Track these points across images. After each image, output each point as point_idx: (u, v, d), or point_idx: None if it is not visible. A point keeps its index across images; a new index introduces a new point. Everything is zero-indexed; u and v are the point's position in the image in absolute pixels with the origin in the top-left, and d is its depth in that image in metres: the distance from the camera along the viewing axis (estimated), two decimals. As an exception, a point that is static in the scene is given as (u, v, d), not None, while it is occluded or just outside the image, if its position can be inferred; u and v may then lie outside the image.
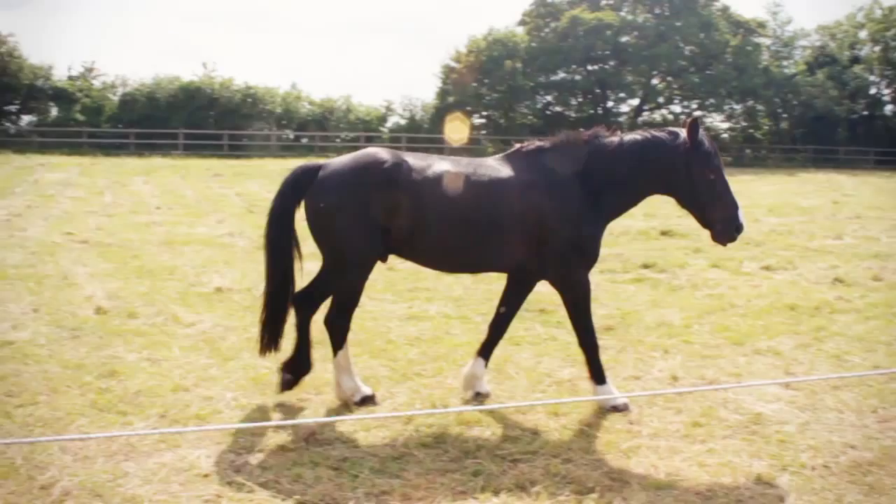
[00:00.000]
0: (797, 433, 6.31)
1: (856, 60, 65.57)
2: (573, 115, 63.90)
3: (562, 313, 9.58)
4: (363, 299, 10.13)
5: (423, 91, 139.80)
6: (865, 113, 65.04)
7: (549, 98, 63.80)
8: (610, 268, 12.83)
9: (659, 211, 19.42)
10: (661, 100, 65.89)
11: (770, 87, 61.63)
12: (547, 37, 61.13)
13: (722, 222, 6.65)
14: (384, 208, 6.42)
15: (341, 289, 6.73)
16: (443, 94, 60.34)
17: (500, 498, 5.10)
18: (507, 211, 6.56)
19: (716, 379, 7.53)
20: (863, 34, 67.53)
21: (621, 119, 64.14)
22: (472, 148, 52.87)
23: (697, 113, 64.84)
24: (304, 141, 56.35)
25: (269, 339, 6.88)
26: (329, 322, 6.76)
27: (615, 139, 6.80)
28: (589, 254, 6.75)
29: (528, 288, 7.17)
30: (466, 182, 6.56)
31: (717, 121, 66.01)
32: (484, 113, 62.73)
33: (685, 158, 6.57)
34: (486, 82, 60.03)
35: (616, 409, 6.63)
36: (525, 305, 9.86)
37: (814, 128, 61.43)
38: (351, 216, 6.44)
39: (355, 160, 6.64)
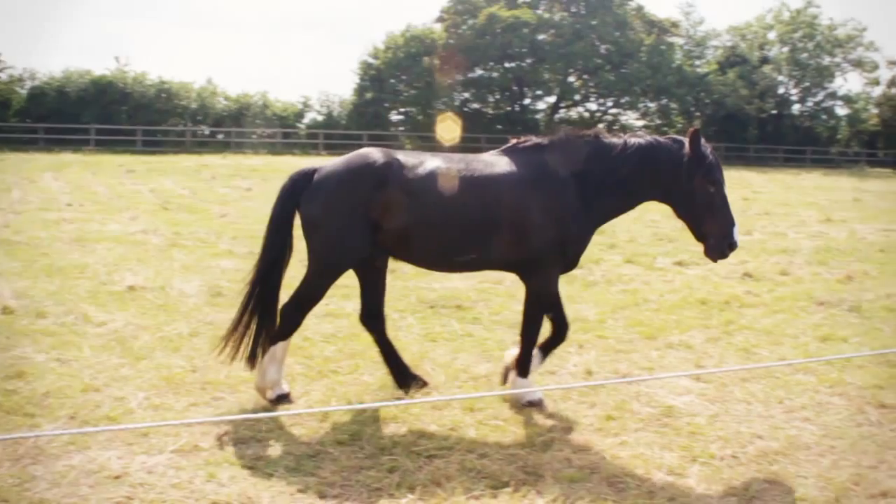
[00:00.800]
0: (707, 425, 6.46)
1: (765, 61, 67.13)
2: (490, 111, 64.42)
3: (478, 310, 9.70)
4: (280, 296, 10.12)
5: (340, 87, 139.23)
6: (774, 112, 66.66)
7: (466, 95, 64.09)
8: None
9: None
10: (577, 97, 66.71)
11: (683, 86, 62.88)
12: (464, 34, 61.37)
13: (716, 237, 6.58)
14: (377, 209, 6.43)
15: (309, 285, 6.73)
16: (360, 90, 60.16)
17: (416, 494, 5.12)
18: (495, 208, 6.52)
19: (629, 373, 7.66)
20: (772, 35, 69.24)
21: (538, 116, 64.81)
22: (391, 144, 52.75)
23: (614, 110, 65.88)
24: (220, 137, 55.63)
25: (249, 345, 6.79)
26: (284, 311, 6.76)
27: (618, 141, 6.72)
28: (569, 255, 6.71)
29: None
30: (457, 179, 6.55)
31: (631, 118, 67.22)
32: (402, 109, 62.77)
33: (688, 168, 6.48)
34: (404, 79, 60.04)
35: (531, 404, 6.68)
36: (441, 302, 9.98)
37: (725, 126, 62.77)
38: (342, 219, 6.48)
39: (347, 162, 6.67)
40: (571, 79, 65.32)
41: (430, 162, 6.64)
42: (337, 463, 5.54)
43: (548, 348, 7.04)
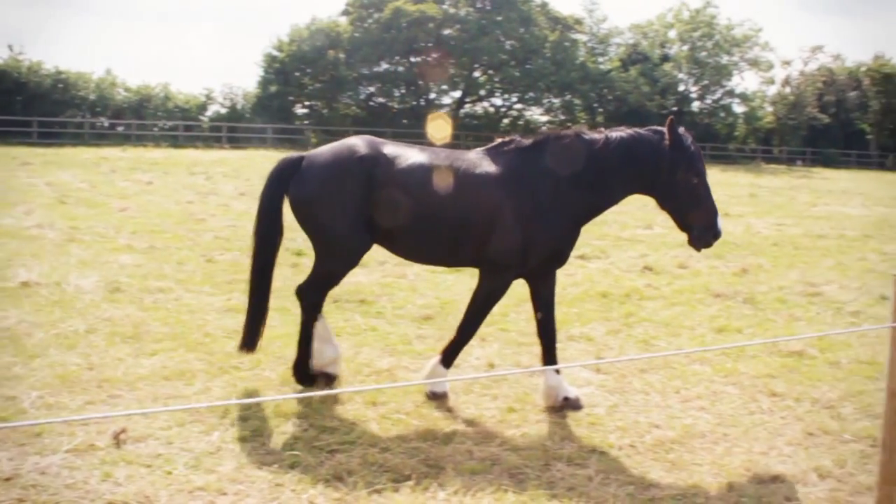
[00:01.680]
0: (606, 415, 6.58)
1: (666, 58, 68.53)
2: (396, 106, 64.34)
3: (382, 304, 9.69)
4: (180, 292, 9.97)
5: (245, 80, 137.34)
6: (675, 108, 67.95)
7: (372, 89, 63.95)
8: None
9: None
10: (482, 92, 67.09)
11: (586, 82, 63.76)
12: (370, 27, 61.14)
13: (700, 228, 6.50)
14: (361, 198, 6.54)
15: (322, 270, 6.88)
16: (265, 83, 59.47)
17: (317, 489, 5.10)
18: (472, 205, 6.52)
19: (531, 365, 7.73)
20: (672, 34, 70.71)
21: (444, 111, 64.95)
22: (295, 139, 52.29)
23: (518, 106, 66.43)
24: (120, 129, 54.23)
25: (249, 334, 7.03)
26: (302, 294, 6.94)
27: (599, 136, 6.63)
28: (530, 260, 6.60)
29: (547, 282, 6.99)
30: (439, 175, 6.55)
31: (536, 114, 67.89)
32: (307, 103, 62.26)
33: (670, 159, 6.40)
34: (309, 72, 59.57)
35: (435, 395, 6.71)
36: (344, 296, 9.93)
37: (627, 122, 63.30)
38: (331, 206, 6.60)
39: (334, 151, 6.78)
40: (477, 74, 65.69)
41: (415, 156, 6.69)
42: (237, 459, 5.48)
43: (551, 356, 6.92)
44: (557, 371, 6.72)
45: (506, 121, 66.66)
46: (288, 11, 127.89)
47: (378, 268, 12.02)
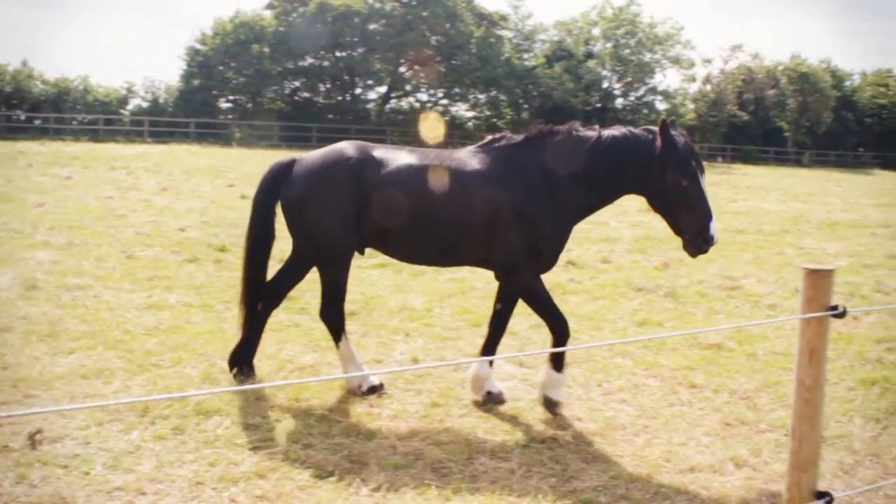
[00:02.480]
0: (529, 409, 6.64)
1: (590, 56, 69.22)
2: (322, 101, 64.01)
3: (306, 300, 9.62)
4: (99, 289, 9.79)
5: (167, 73, 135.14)
6: (599, 105, 68.82)
7: (297, 84, 63.46)
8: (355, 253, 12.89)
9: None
10: (408, 88, 67.07)
11: (511, 78, 64.07)
12: (295, 22, 60.66)
13: (691, 233, 6.30)
14: (352, 201, 6.51)
15: (325, 281, 6.87)
16: (187, 76, 58.62)
17: (239, 486, 5.05)
18: (465, 204, 6.43)
19: (456, 359, 7.75)
20: (596, 31, 71.46)
21: (369, 106, 64.84)
22: (219, 133, 51.67)
23: (444, 101, 66.53)
24: (38, 123, 53.00)
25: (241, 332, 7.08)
26: (323, 316, 6.93)
27: (592, 134, 6.50)
28: (544, 252, 6.51)
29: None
30: (429, 175, 6.50)
31: (462, 109, 68.12)
32: (231, 97, 61.54)
33: (660, 160, 6.24)
34: (233, 66, 58.90)
35: (550, 401, 6.51)
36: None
37: (552, 118, 63.76)
38: (321, 210, 6.59)
39: (323, 154, 6.80)
40: (402, 69, 65.61)
41: (404, 157, 6.65)
42: (158, 458, 5.40)
43: (492, 343, 6.99)
44: (490, 363, 6.74)
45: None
46: (211, 4, 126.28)
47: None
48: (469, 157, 6.68)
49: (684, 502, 5.15)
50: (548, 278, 11.26)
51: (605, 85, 70.17)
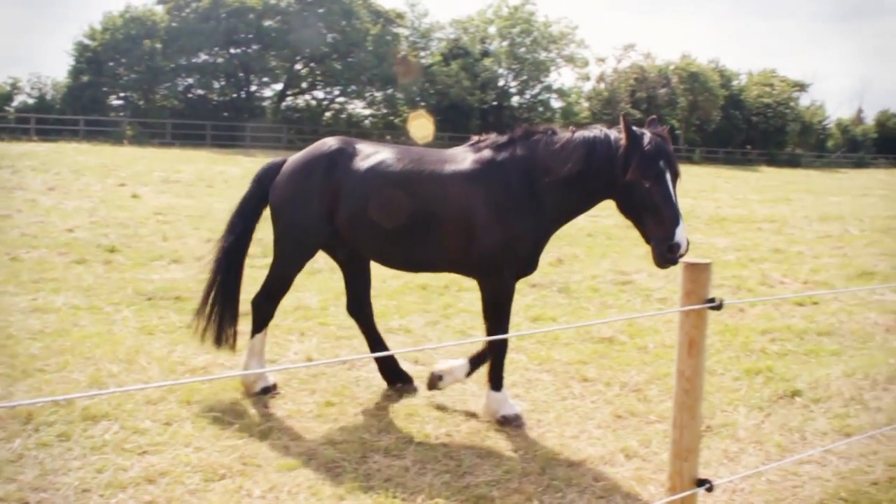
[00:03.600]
0: (423, 406, 6.65)
1: (486, 54, 69.69)
2: (216, 98, 63.06)
3: (198, 301, 9.44)
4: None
5: (53, 69, 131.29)
6: (495, 103, 69.32)
7: (190, 81, 62.30)
8: (250, 253, 12.73)
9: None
10: (304, 85, 66.52)
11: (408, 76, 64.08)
12: (188, 17, 59.54)
13: (656, 239, 5.77)
14: (327, 200, 6.53)
15: (275, 272, 6.93)
16: (76, 72, 57.01)
17: (127, 493, 4.93)
18: (438, 206, 6.26)
19: (349, 359, 7.73)
20: (492, 30, 71.98)
21: (265, 104, 64.16)
22: (110, 131, 50.37)
23: (341, 99, 66.24)
24: None
25: (215, 329, 6.96)
26: (255, 303, 6.95)
27: (567, 135, 6.20)
28: (519, 256, 6.29)
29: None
30: (403, 174, 6.38)
31: (359, 107, 67.87)
32: (122, 94, 60.08)
33: (623, 159, 5.85)
34: (124, 62, 57.53)
35: (506, 419, 6.32)
36: (159, 293, 9.65)
37: (449, 116, 64.57)
38: (297, 208, 6.66)
39: (305, 153, 6.87)
40: (298, 66, 65.05)
41: (380, 155, 6.55)
42: (42, 466, 5.23)
43: (477, 362, 6.69)
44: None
45: (328, 114, 66.41)
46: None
47: (195, 263, 11.72)
48: (450, 155, 6.55)
49: (575, 494, 5.23)
50: (444, 275, 11.37)
51: (501, 83, 70.74)
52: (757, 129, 79.78)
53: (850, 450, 6.06)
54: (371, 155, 6.58)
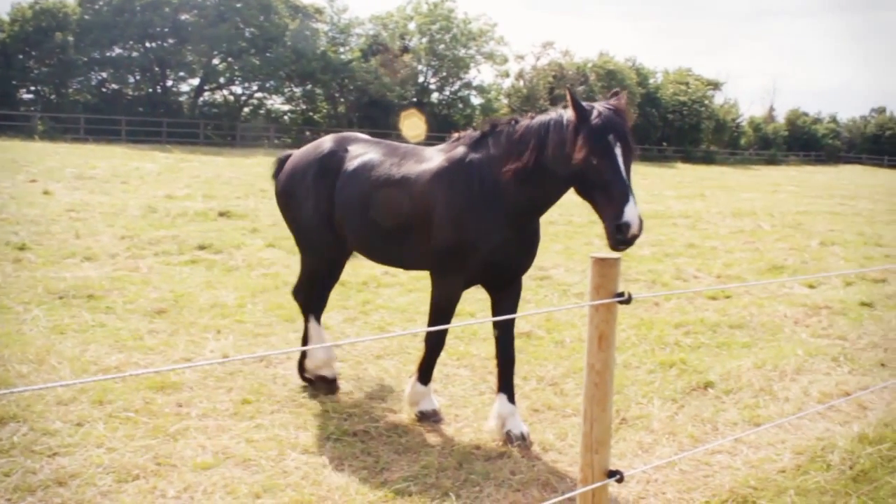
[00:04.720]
0: (342, 403, 6.63)
1: (406, 50, 69.63)
2: (131, 93, 61.92)
3: (112, 298, 9.32)
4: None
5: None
6: (415, 99, 69.27)
7: (104, 75, 61.01)
8: (165, 250, 12.58)
9: (218, 192, 19.42)
10: (222, 80, 65.60)
11: (328, 72, 63.67)
12: (101, 10, 58.30)
13: (607, 219, 5.32)
14: (324, 206, 6.66)
15: (302, 266, 7.21)
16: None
17: (36, 496, 4.82)
18: (409, 204, 6.14)
19: (266, 356, 7.66)
20: (412, 26, 71.89)
21: (182, 98, 63.20)
22: (20, 126, 49.06)
23: (259, 94, 65.58)
24: None
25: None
26: (294, 294, 7.40)
27: (524, 122, 5.85)
28: (470, 261, 5.93)
29: (511, 294, 6.35)
30: (383, 176, 6.36)
31: (277, 103, 67.28)
32: (32, 88, 58.58)
33: (571, 135, 5.42)
34: (34, 55, 56.08)
35: (424, 415, 6.36)
36: (72, 291, 9.45)
37: (369, 112, 64.37)
38: (299, 201, 6.84)
39: (306, 148, 7.09)
40: (216, 61, 64.15)
41: (371, 151, 6.62)
42: (-55, 470, 5.10)
43: (506, 382, 6.26)
44: (511, 399, 6.20)
45: (246, 109, 65.71)
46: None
47: (109, 261, 11.53)
48: (429, 154, 6.37)
49: (493, 488, 5.27)
50: (362, 272, 11.36)
51: (420, 80, 70.74)
52: (673, 126, 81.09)
53: (759, 439, 6.23)
54: (358, 156, 6.62)
